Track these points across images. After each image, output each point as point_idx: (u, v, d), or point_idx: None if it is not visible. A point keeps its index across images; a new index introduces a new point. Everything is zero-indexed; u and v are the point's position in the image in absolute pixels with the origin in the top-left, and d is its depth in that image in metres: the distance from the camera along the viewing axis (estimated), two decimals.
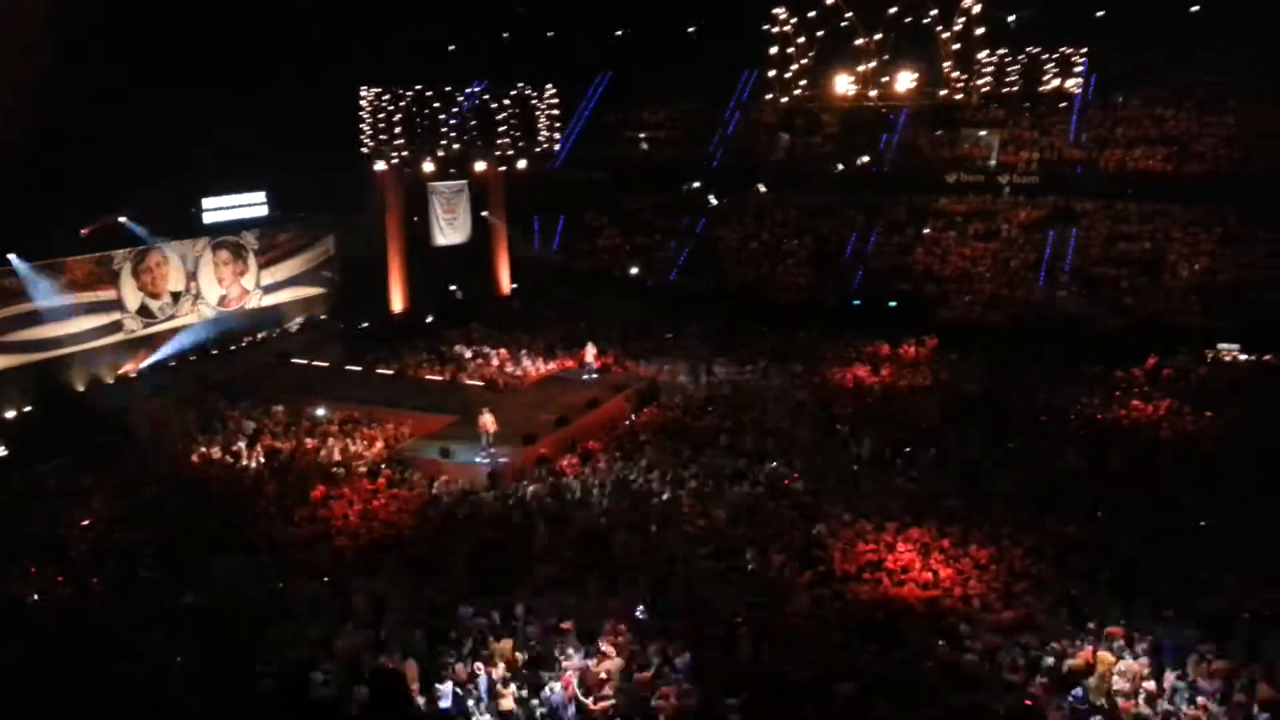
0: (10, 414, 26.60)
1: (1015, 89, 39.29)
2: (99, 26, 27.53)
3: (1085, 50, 38.63)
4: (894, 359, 31.43)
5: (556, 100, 38.34)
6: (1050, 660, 14.67)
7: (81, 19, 26.64)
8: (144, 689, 14.50)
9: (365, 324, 35.80)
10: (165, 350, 31.02)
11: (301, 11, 32.59)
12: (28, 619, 16.90)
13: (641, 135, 46.71)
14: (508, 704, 13.86)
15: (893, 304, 35.84)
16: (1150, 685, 13.88)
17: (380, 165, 35.23)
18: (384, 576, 17.72)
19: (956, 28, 33.07)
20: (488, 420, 23.70)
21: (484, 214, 38.92)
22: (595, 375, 29.45)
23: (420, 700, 13.95)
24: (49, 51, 24.97)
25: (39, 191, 27.30)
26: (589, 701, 13.87)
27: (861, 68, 34.55)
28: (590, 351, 30.02)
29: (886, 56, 34.76)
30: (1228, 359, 29.85)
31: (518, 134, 37.39)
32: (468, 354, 31.74)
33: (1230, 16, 37.12)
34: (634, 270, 40.77)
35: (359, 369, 30.80)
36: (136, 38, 28.91)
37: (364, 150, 35.01)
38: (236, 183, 33.67)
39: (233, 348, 33.07)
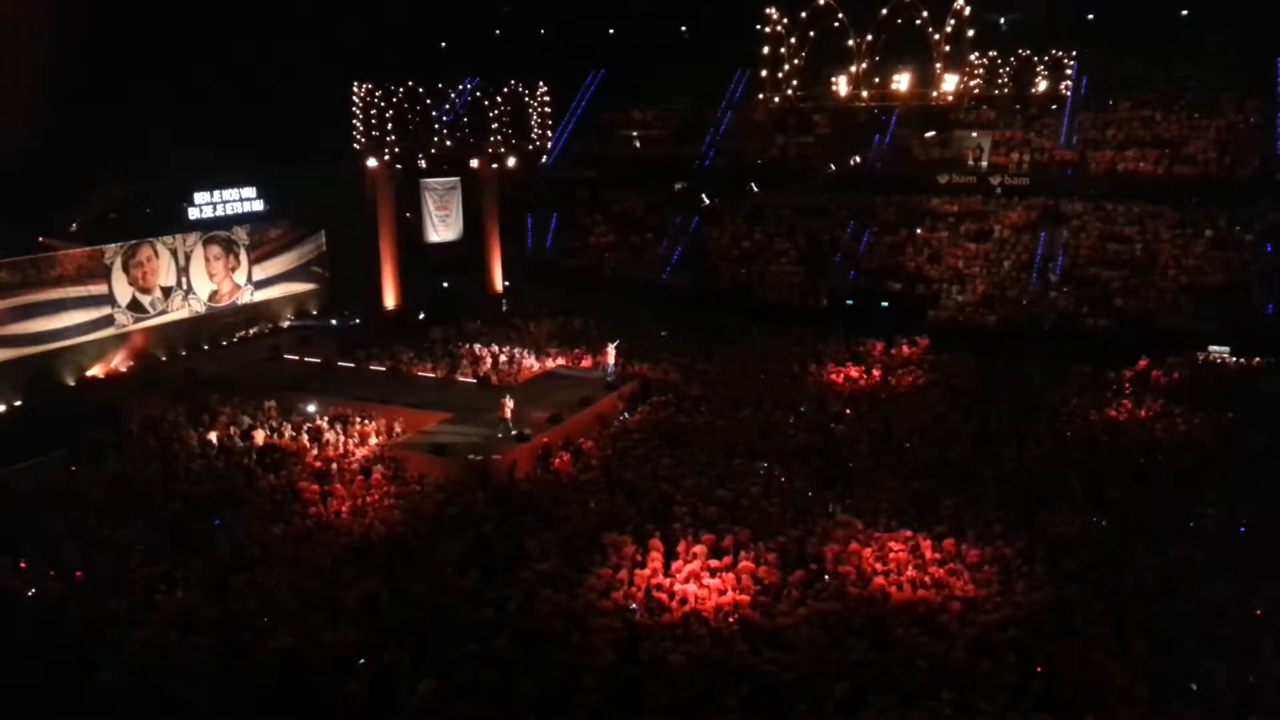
0: (0, 408, 26.47)
1: (1006, 91, 39.58)
2: (88, 20, 27.45)
3: (1075, 53, 38.92)
4: (886, 358, 31.51)
5: (549, 97, 38.34)
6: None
7: (70, 13, 26.57)
8: (134, 684, 14.48)
9: (357, 320, 35.71)
10: None
11: (294, 6, 32.57)
12: (18, 613, 16.82)
13: (634, 133, 46.72)
14: None
15: (885, 304, 35.93)
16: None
17: (372, 161, 35.13)
18: (375, 573, 17.71)
19: (948, 29, 33.22)
20: (508, 403, 24.15)
21: None
22: (614, 376, 28.95)
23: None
24: (37, 47, 24.88)
25: (28, 186, 27.21)
26: None
27: (854, 68, 34.71)
28: (612, 352, 29.86)
29: (878, 57, 34.93)
30: (1218, 361, 30.03)
31: (510, 131, 37.38)
32: (489, 349, 31.80)
33: (1219, 18, 37.43)
34: (626, 268, 40.73)
35: (351, 365, 30.72)
36: (127, 31, 28.84)
37: (356, 146, 34.91)
38: (228, 177, 33.53)
39: (224, 343, 32.97)
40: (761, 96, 38.79)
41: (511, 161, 37.78)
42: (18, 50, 24.02)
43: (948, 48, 33.83)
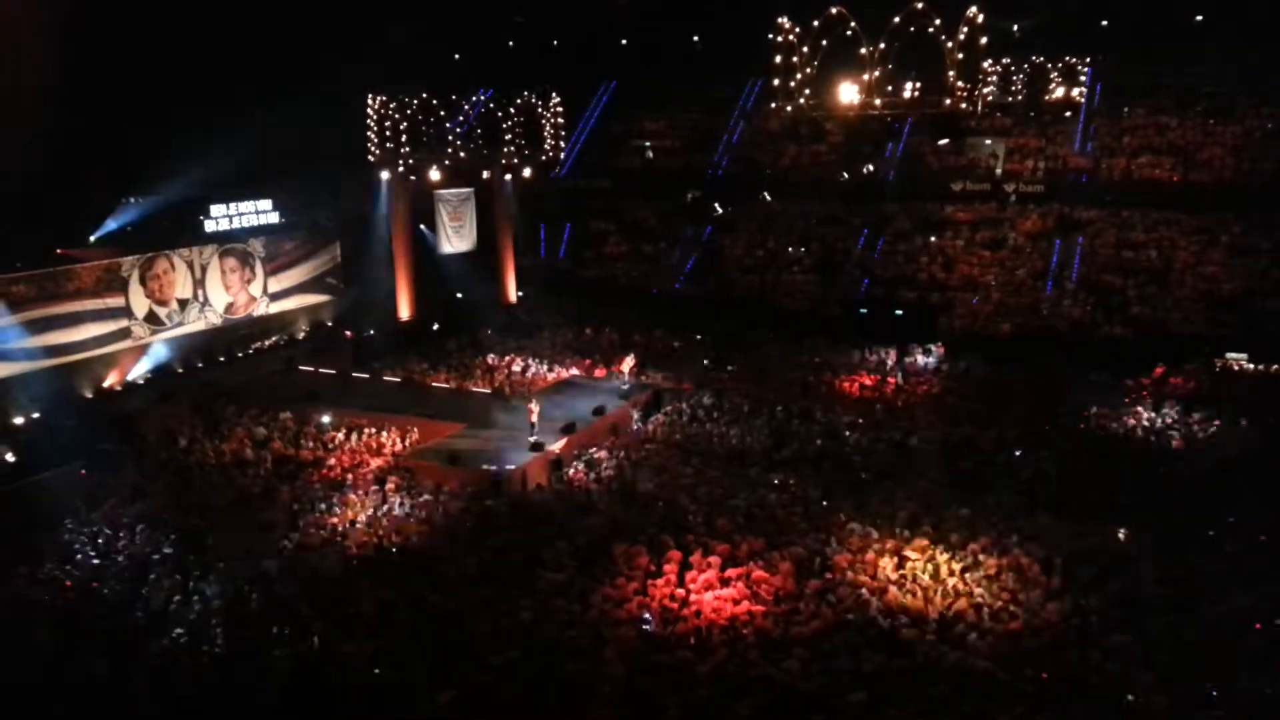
0: (19, 420, 26.62)
1: (1020, 98, 39.51)
2: (106, 30, 27.62)
3: (1090, 59, 38.82)
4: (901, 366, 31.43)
5: (562, 109, 38.45)
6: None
7: (88, 22, 26.74)
8: (150, 693, 14.53)
9: (372, 331, 35.83)
10: None
11: (309, 18, 32.73)
12: (35, 622, 16.90)
13: (646, 144, 46.78)
14: None
15: (899, 312, 35.82)
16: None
17: (386, 173, 35.29)
18: (392, 583, 17.72)
19: (961, 37, 33.20)
20: (533, 408, 24.66)
21: None
22: (629, 385, 28.96)
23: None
24: (55, 56, 25.02)
25: (45, 198, 27.34)
26: None
27: (866, 76, 34.71)
28: (629, 362, 29.83)
29: (891, 66, 34.94)
30: (1235, 368, 29.84)
31: (523, 142, 37.50)
32: (503, 359, 31.97)
33: (1233, 24, 37.25)
34: (639, 278, 40.74)
35: (366, 376, 30.82)
36: (143, 43, 28.98)
37: (371, 158, 35.07)
38: (243, 190, 33.68)
39: (240, 354, 33.14)
40: (774, 105, 38.83)
41: (525, 172, 37.89)
42: (33, 58, 24.17)
43: (961, 55, 33.82)
